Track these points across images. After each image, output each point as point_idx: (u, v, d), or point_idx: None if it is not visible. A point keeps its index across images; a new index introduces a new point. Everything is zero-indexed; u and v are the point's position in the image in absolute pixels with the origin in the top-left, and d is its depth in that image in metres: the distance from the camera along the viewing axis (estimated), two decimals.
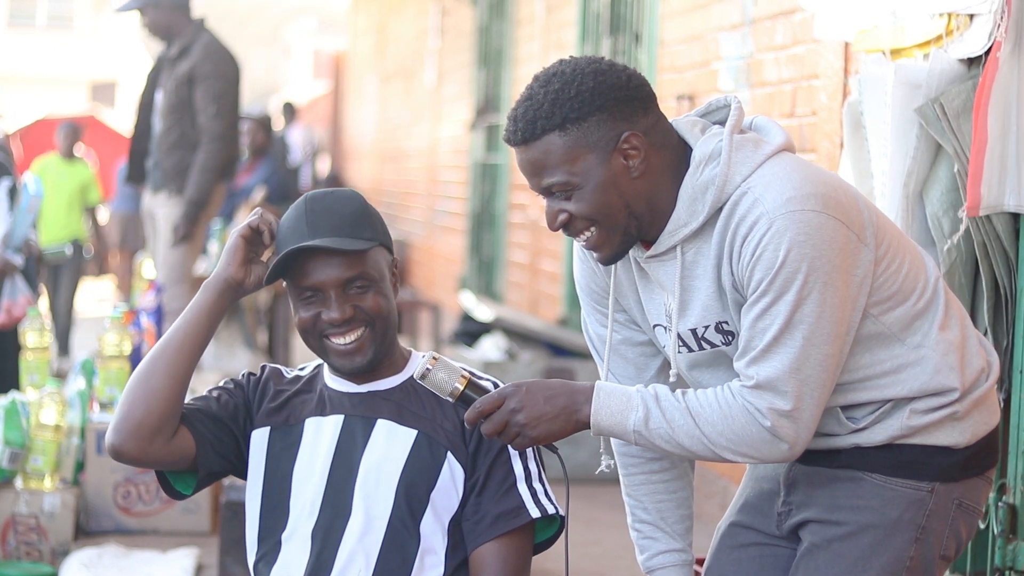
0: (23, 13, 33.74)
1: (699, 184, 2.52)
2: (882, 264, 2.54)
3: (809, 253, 2.43)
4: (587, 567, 5.22)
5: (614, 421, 2.54)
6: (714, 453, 2.53)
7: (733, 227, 2.49)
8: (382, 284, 2.73)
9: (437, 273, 12.14)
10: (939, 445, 2.60)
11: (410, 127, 13.65)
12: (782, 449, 2.51)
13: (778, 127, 2.61)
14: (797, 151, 2.64)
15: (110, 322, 5.33)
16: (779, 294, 2.45)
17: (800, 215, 2.44)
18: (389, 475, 2.69)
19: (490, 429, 2.54)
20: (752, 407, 2.49)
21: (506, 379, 6.61)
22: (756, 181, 2.49)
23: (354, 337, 2.70)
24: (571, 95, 2.49)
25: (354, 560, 2.67)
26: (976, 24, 3.65)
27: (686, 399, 2.53)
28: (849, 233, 2.48)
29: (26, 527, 4.85)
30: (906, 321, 2.57)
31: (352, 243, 2.68)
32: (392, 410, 2.74)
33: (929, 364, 2.57)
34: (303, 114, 19.93)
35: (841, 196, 2.50)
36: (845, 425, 2.60)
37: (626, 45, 7.24)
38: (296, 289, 2.72)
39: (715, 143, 2.54)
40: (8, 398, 4.91)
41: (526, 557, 2.73)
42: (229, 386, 2.82)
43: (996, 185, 3.53)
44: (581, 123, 2.50)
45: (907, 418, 2.58)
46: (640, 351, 2.77)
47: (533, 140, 2.51)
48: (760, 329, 2.47)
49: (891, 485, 2.60)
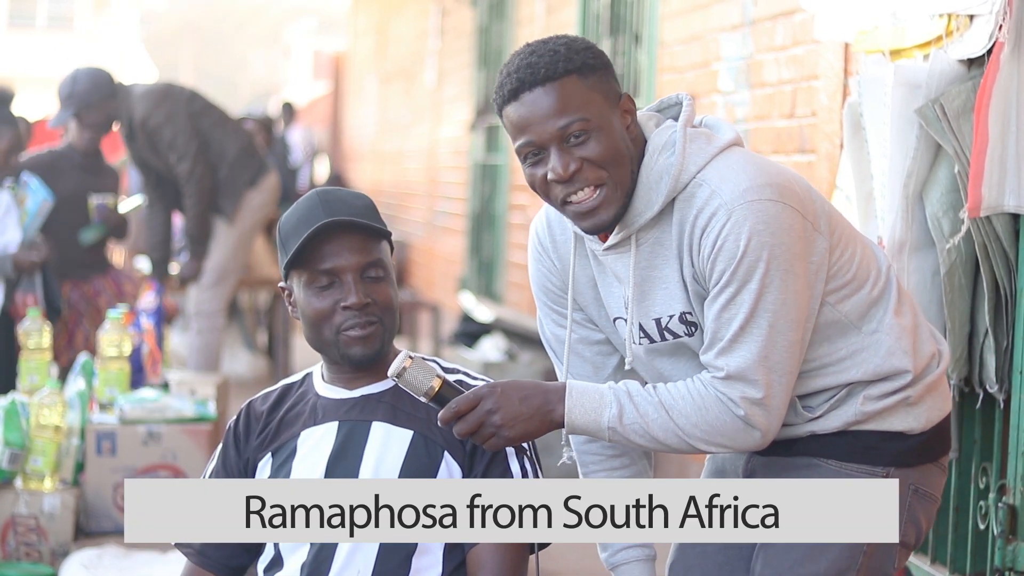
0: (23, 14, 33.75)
1: (654, 172, 2.57)
2: (836, 252, 2.59)
3: (769, 241, 2.47)
4: (587, 567, 5.21)
5: (588, 419, 2.57)
6: (688, 445, 2.56)
7: (692, 219, 2.53)
8: (391, 277, 2.76)
9: (437, 274, 12.14)
10: (893, 431, 2.65)
11: (410, 128, 13.65)
12: (755, 437, 2.54)
13: (728, 125, 2.66)
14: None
15: (110, 322, 5.33)
16: (742, 283, 2.49)
17: (758, 204, 2.48)
18: (387, 476, 2.69)
19: (464, 429, 2.56)
20: (725, 397, 2.52)
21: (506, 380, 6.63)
22: (711, 173, 2.54)
23: (369, 328, 2.71)
24: (583, 46, 2.56)
25: (352, 561, 2.67)
26: (976, 25, 3.66)
27: (658, 393, 2.56)
28: (805, 221, 2.52)
29: (26, 528, 4.85)
30: (862, 309, 2.62)
31: (372, 225, 2.72)
32: (386, 412, 2.74)
33: (883, 347, 2.62)
34: (303, 115, 19.94)
35: (794, 186, 2.55)
36: (801, 415, 2.65)
37: (626, 46, 7.24)
38: (311, 274, 2.72)
39: (669, 134, 2.59)
40: (8, 399, 4.91)
41: (523, 556, 2.73)
42: (215, 465, 2.85)
43: (996, 186, 3.53)
44: (596, 71, 2.55)
45: (861, 404, 2.63)
46: (597, 349, 2.80)
47: (554, 79, 2.53)
48: (726, 320, 2.51)
49: (847, 470, 2.65)
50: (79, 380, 5.21)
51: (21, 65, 31.07)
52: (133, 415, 5.05)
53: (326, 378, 2.81)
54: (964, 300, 3.72)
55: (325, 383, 2.81)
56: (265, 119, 11.86)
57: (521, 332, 7.54)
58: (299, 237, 2.70)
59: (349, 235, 2.71)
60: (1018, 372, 3.66)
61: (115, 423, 5.05)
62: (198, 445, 5.04)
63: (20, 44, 32.28)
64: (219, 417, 5.36)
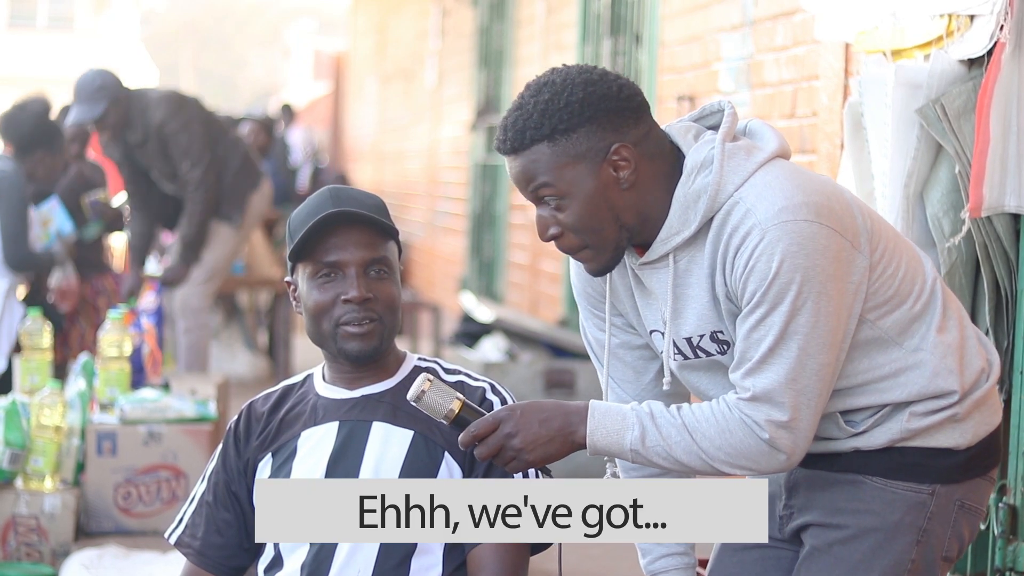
0: (23, 14, 33.73)
1: (691, 193, 2.51)
2: (877, 269, 2.53)
3: (802, 263, 2.43)
4: (588, 567, 5.21)
5: (610, 441, 2.53)
6: (712, 467, 2.52)
7: (726, 238, 2.48)
8: (396, 277, 2.75)
9: (437, 274, 12.14)
10: (940, 447, 2.59)
11: (410, 128, 13.65)
12: (780, 460, 2.50)
13: (772, 131, 2.59)
14: (797, 152, 2.64)
15: (110, 322, 5.33)
16: (773, 305, 2.44)
17: (792, 225, 2.43)
18: (387, 477, 2.69)
19: (484, 453, 2.54)
20: (749, 420, 2.48)
21: (506, 380, 6.64)
22: (748, 191, 2.48)
23: (368, 325, 2.70)
24: (560, 106, 2.48)
25: (352, 561, 2.67)
26: (977, 25, 3.65)
27: (682, 414, 2.52)
28: (843, 241, 2.47)
29: (26, 528, 4.84)
30: (903, 325, 2.56)
31: (380, 220, 2.72)
32: (387, 412, 2.74)
33: (927, 367, 2.56)
34: (303, 115, 19.94)
35: (834, 203, 2.49)
36: (844, 430, 2.60)
37: (626, 46, 7.24)
38: (315, 267, 2.72)
39: (707, 151, 2.53)
40: (8, 399, 4.91)
41: (524, 557, 2.73)
42: (215, 465, 2.84)
43: (997, 186, 3.53)
44: (570, 134, 2.49)
45: (906, 421, 2.57)
46: (638, 355, 2.76)
47: (522, 150, 2.51)
48: (755, 340, 2.47)
49: (891, 488, 2.60)
50: (80, 380, 5.21)
51: (21, 65, 31.06)
52: (134, 415, 5.05)
53: (327, 378, 2.81)
54: (964, 300, 3.72)
55: (326, 383, 2.80)
56: (265, 119, 11.86)
57: (521, 332, 7.53)
58: (306, 228, 2.70)
59: (356, 229, 2.71)
60: (1018, 372, 3.66)
61: (116, 423, 5.05)
62: (198, 445, 5.03)
63: (20, 44, 32.25)
64: (219, 417, 5.36)
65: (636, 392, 2.76)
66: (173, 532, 2.86)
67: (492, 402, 2.74)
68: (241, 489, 2.80)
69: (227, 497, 2.80)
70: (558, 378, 6.97)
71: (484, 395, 2.76)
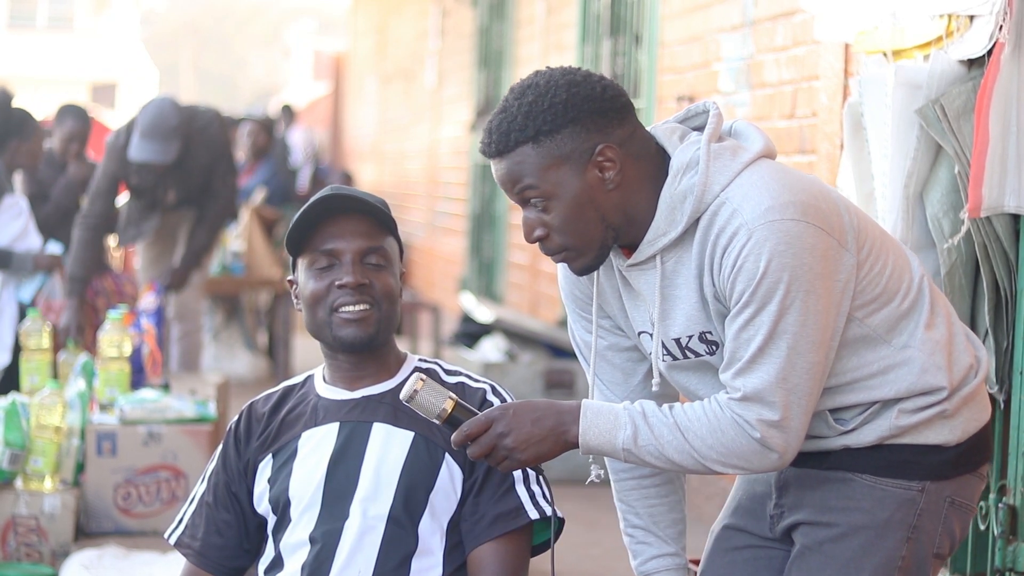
0: (23, 14, 33.77)
1: (677, 193, 2.52)
2: (864, 267, 2.53)
3: (790, 262, 2.43)
4: (587, 568, 5.21)
5: (602, 440, 2.53)
6: (704, 467, 2.53)
7: (713, 239, 2.49)
8: (394, 269, 2.76)
9: (437, 274, 12.14)
10: (929, 444, 2.60)
11: (410, 128, 13.65)
12: (772, 459, 2.51)
13: (758, 131, 2.60)
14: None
15: (110, 322, 5.33)
16: (761, 305, 2.45)
17: (779, 224, 2.43)
18: (388, 478, 2.69)
19: (477, 452, 2.53)
20: (741, 419, 2.48)
21: (506, 381, 6.65)
22: (734, 191, 2.48)
23: (362, 308, 2.70)
24: (544, 107, 2.49)
25: (352, 562, 2.67)
26: (976, 25, 3.66)
27: (674, 414, 2.53)
28: (830, 239, 2.47)
29: (26, 528, 4.85)
30: (891, 322, 2.57)
31: (378, 209, 2.74)
32: (387, 413, 2.74)
33: (916, 364, 2.57)
34: (303, 115, 19.94)
35: (820, 202, 2.49)
36: (833, 428, 2.60)
37: (626, 46, 7.24)
38: (312, 256, 2.73)
39: (693, 151, 2.53)
40: (8, 399, 4.91)
41: (524, 558, 2.73)
42: (215, 466, 2.84)
43: (997, 186, 3.53)
44: (554, 135, 2.49)
45: (895, 418, 2.58)
46: (627, 356, 2.76)
47: (507, 152, 2.51)
48: (744, 340, 2.47)
49: (881, 485, 2.60)
50: (79, 380, 5.21)
51: (21, 66, 31.08)
52: (133, 415, 5.05)
53: (327, 379, 2.81)
54: (964, 300, 3.72)
55: (326, 384, 2.80)
56: (265, 120, 11.86)
57: (521, 332, 7.53)
58: (306, 217, 2.71)
59: (354, 220, 2.72)
60: (1018, 372, 3.66)
61: (115, 423, 5.05)
62: (198, 445, 5.03)
63: (20, 44, 32.27)
64: (219, 417, 5.36)
65: (625, 394, 2.76)
66: (173, 532, 2.86)
67: (493, 404, 2.74)
68: (241, 490, 2.80)
69: (227, 498, 2.80)
70: (558, 378, 6.98)
71: (485, 396, 2.76)
